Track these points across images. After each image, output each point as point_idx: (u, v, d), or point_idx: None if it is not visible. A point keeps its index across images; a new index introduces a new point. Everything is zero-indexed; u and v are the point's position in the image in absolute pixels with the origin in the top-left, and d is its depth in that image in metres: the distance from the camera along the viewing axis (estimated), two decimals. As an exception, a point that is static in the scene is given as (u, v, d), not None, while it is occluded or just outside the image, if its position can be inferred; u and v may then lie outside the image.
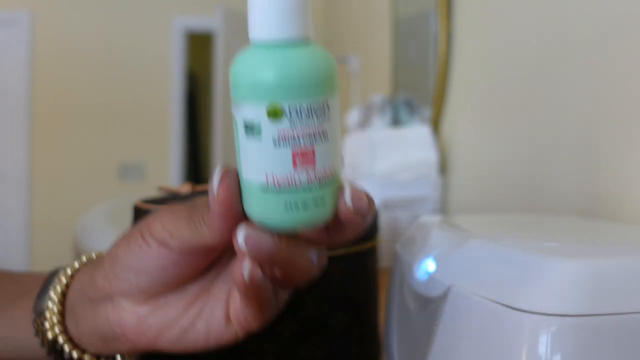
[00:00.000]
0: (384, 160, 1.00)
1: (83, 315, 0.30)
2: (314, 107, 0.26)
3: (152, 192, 0.56)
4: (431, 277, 0.38)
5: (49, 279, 0.33)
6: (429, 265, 0.39)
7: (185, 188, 0.55)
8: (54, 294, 0.31)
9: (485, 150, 0.92)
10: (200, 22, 3.36)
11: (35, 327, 0.31)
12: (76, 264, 0.33)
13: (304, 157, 0.26)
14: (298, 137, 0.26)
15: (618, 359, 0.28)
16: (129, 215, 0.54)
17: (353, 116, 1.42)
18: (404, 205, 1.00)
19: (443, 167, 1.06)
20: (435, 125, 1.11)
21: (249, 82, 0.26)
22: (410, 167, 1.00)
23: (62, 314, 0.31)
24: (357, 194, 0.28)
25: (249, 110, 0.26)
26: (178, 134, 3.40)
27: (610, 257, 0.31)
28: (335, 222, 0.28)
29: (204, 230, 0.28)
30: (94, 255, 0.34)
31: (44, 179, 3.32)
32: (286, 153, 0.26)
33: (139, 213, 0.51)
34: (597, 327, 0.28)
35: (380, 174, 1.00)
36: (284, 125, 0.26)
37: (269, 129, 0.26)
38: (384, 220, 0.97)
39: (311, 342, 0.46)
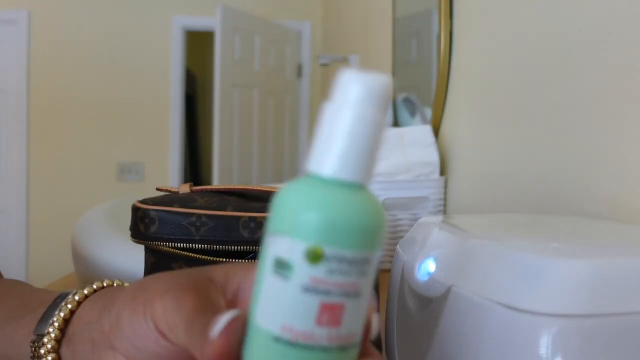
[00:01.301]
0: (384, 160, 1.00)
1: (81, 349, 0.30)
2: (356, 259, 0.23)
3: (151, 192, 0.56)
4: (431, 278, 0.38)
5: (55, 301, 0.32)
6: (429, 266, 0.39)
7: (184, 188, 0.55)
8: (56, 320, 0.31)
9: (485, 150, 0.92)
10: (200, 20, 3.36)
11: (32, 350, 0.31)
12: (85, 292, 0.32)
13: (331, 314, 0.23)
14: (331, 289, 0.23)
15: (618, 359, 0.28)
16: (127, 215, 0.54)
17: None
18: (404, 205, 1.00)
19: (443, 167, 1.06)
20: (436, 125, 1.11)
21: (293, 215, 0.23)
22: (410, 167, 1.00)
23: (59, 340, 0.31)
24: None
25: (285, 245, 0.23)
26: (177, 134, 3.40)
27: (611, 257, 0.31)
28: None
29: (198, 347, 0.25)
30: (104, 284, 0.33)
31: (42, 179, 3.32)
32: (313, 304, 0.23)
33: (137, 213, 0.51)
34: (598, 327, 0.28)
35: (380, 174, 0.99)
36: (320, 272, 0.23)
37: (302, 271, 0.23)
38: (383, 220, 0.97)
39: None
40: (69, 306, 0.31)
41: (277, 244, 0.24)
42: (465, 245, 0.36)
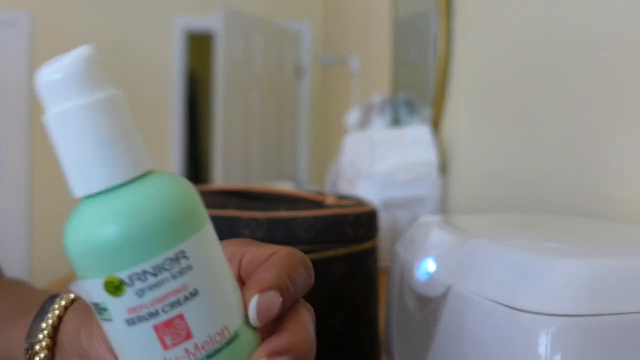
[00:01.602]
0: (384, 160, 1.00)
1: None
2: (161, 265, 0.20)
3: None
4: (431, 277, 0.38)
5: (43, 307, 0.31)
6: (429, 265, 0.39)
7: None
8: (45, 328, 0.30)
9: (485, 150, 0.92)
10: (201, 22, 3.36)
11: (26, 358, 0.31)
12: (71, 296, 0.32)
13: (171, 331, 0.20)
14: (155, 308, 0.20)
15: (618, 359, 0.28)
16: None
17: (353, 116, 1.42)
18: (404, 205, 1.00)
19: (443, 167, 1.06)
20: (435, 125, 1.11)
21: (75, 254, 0.20)
22: (410, 167, 1.00)
23: (51, 349, 0.30)
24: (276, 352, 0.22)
25: (90, 288, 0.20)
26: (178, 134, 3.40)
27: (610, 257, 0.31)
28: None
29: None
30: None
31: (43, 178, 3.32)
32: (146, 332, 0.20)
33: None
34: (597, 327, 0.28)
35: (380, 174, 0.99)
36: (130, 299, 0.20)
37: (116, 308, 0.20)
38: (384, 220, 0.97)
39: (311, 342, 0.46)
40: (57, 312, 0.31)
41: (86, 290, 0.21)
42: (465, 245, 0.36)
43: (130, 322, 0.20)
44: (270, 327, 0.23)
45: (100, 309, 0.20)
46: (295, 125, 3.42)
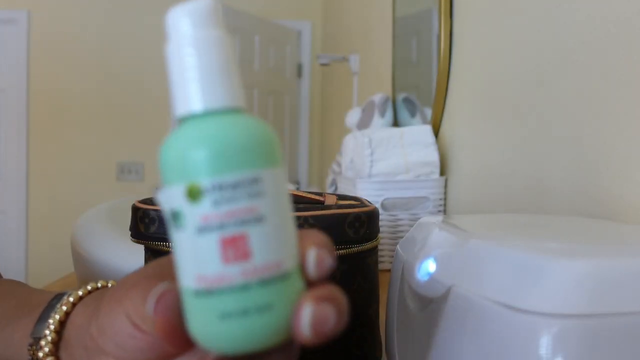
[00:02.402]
0: (384, 160, 1.00)
1: (77, 354, 0.30)
2: (240, 182, 0.21)
3: (150, 192, 0.56)
4: (432, 278, 0.38)
5: (50, 303, 0.32)
6: (430, 266, 0.39)
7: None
8: (52, 323, 0.30)
9: (485, 150, 0.92)
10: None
11: (30, 353, 0.31)
12: (80, 293, 0.32)
13: (234, 247, 0.21)
14: (224, 221, 0.21)
15: (619, 359, 0.28)
16: (127, 215, 0.53)
17: (353, 116, 1.42)
18: (404, 205, 0.99)
19: (443, 167, 1.06)
20: (436, 125, 1.11)
21: (166, 162, 0.22)
22: (410, 167, 1.00)
23: (56, 343, 0.30)
24: (322, 312, 0.22)
25: (171, 194, 0.22)
26: (178, 134, 3.40)
27: (611, 257, 0.31)
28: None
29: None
30: (98, 285, 0.33)
31: (42, 179, 3.32)
32: (212, 243, 0.21)
33: (138, 213, 0.51)
34: (598, 327, 0.28)
35: (380, 174, 0.99)
36: (206, 207, 0.21)
37: (191, 215, 0.22)
38: (384, 220, 0.97)
39: (311, 343, 0.46)
40: (64, 308, 0.31)
41: (167, 197, 0.22)
42: (466, 245, 0.36)
43: (201, 230, 0.21)
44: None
45: (176, 216, 0.22)
46: (295, 125, 3.42)
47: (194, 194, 0.21)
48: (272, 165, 0.22)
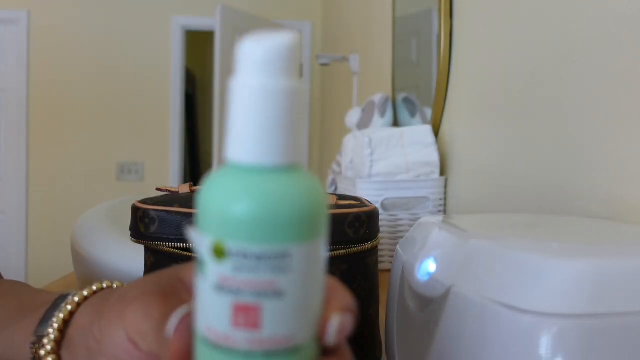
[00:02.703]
0: (384, 160, 1.00)
1: (79, 354, 0.30)
2: (266, 254, 0.21)
3: (151, 192, 0.56)
4: (432, 278, 0.38)
5: (55, 302, 0.32)
6: (430, 266, 0.39)
7: (184, 188, 0.55)
8: (56, 321, 0.31)
9: (485, 150, 0.92)
10: (200, 20, 3.36)
11: (32, 352, 0.31)
12: (85, 293, 0.32)
13: (245, 315, 0.21)
14: (241, 287, 0.21)
15: (618, 359, 0.28)
16: (127, 215, 0.53)
17: (353, 116, 1.42)
18: (404, 205, 0.99)
19: (443, 167, 1.06)
20: (436, 125, 1.11)
21: (202, 208, 0.22)
22: (410, 167, 1.00)
23: (59, 342, 0.30)
24: None
25: (200, 241, 0.22)
26: (177, 134, 3.40)
27: (611, 257, 0.31)
28: None
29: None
30: (103, 285, 0.33)
31: (42, 179, 3.32)
32: (225, 304, 0.21)
33: (138, 213, 0.51)
34: (598, 327, 0.28)
35: (380, 174, 0.99)
36: (227, 269, 0.21)
37: (212, 269, 0.21)
38: (384, 220, 0.97)
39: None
40: (69, 307, 0.31)
41: (197, 240, 0.22)
42: (466, 246, 0.36)
43: (219, 288, 0.21)
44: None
45: (201, 263, 0.22)
46: (295, 125, 3.42)
47: (218, 252, 0.21)
48: (308, 239, 0.21)
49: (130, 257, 0.69)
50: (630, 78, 0.57)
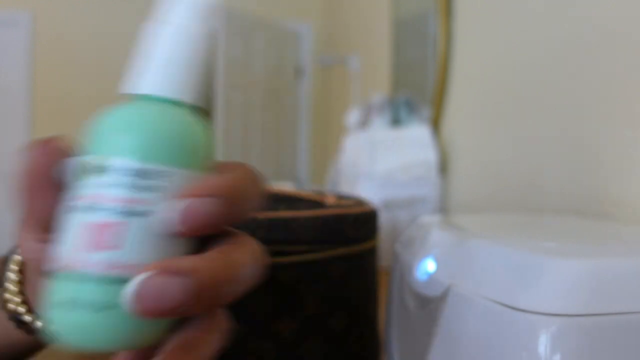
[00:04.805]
0: (384, 160, 1.00)
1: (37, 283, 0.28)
2: (144, 171, 0.21)
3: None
4: (431, 277, 0.38)
5: (10, 252, 0.31)
6: (429, 265, 0.39)
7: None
8: (13, 264, 0.30)
9: (485, 150, 0.92)
10: (200, 22, 3.36)
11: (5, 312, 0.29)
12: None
13: (99, 233, 0.20)
14: (111, 205, 0.21)
15: (618, 359, 0.28)
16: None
17: (353, 116, 1.42)
18: (404, 205, 0.99)
19: (443, 167, 1.06)
20: (435, 125, 1.11)
21: (92, 130, 0.24)
22: (410, 167, 1.00)
23: (22, 282, 0.29)
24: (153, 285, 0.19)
25: (75, 164, 0.23)
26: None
27: (610, 257, 0.31)
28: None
29: None
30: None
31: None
32: (91, 222, 0.21)
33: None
34: (597, 327, 0.28)
35: (380, 174, 0.99)
36: (102, 185, 0.21)
37: (86, 186, 0.22)
38: (384, 220, 0.97)
39: (311, 342, 0.46)
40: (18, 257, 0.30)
41: (74, 165, 0.23)
42: (465, 245, 0.36)
43: (87, 208, 0.21)
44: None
45: (74, 187, 0.22)
46: (295, 125, 3.42)
47: (97, 168, 0.21)
48: (185, 167, 0.22)
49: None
50: (630, 78, 0.57)
